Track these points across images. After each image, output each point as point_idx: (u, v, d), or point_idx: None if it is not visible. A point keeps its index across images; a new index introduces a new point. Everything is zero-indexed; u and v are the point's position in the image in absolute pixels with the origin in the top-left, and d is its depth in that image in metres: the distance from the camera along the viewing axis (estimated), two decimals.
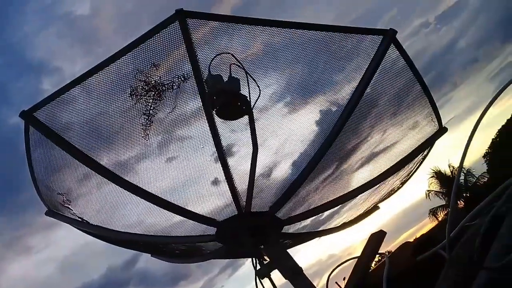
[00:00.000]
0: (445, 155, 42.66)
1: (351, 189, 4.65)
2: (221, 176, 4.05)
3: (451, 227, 2.83)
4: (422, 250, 3.30)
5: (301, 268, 3.89)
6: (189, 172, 4.11)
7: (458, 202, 32.14)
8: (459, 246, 2.80)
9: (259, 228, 4.10)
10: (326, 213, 5.28)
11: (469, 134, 2.59)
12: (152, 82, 3.42)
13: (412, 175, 5.22)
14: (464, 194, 36.30)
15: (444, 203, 39.26)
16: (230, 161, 4.02)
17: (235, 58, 3.83)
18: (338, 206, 4.99)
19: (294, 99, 4.35)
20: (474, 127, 2.61)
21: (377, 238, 3.58)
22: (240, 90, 4.00)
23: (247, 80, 3.96)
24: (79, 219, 4.11)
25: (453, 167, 38.92)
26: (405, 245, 3.47)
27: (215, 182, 4.15)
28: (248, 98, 4.02)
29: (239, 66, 3.88)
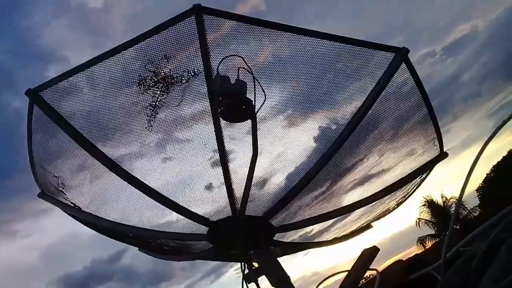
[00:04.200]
0: (438, 185, 42.75)
1: (348, 204, 4.63)
2: (217, 179, 4.02)
3: (447, 250, 2.82)
4: (413, 270, 3.28)
5: (288, 276, 3.85)
6: (186, 173, 4.08)
7: None
8: (452, 269, 2.78)
9: (252, 233, 4.07)
10: (319, 227, 5.26)
11: (469, 167, 2.60)
12: (162, 74, 3.41)
13: (408, 196, 5.21)
14: (454, 226, 36.31)
15: (433, 233, 39.36)
16: (228, 165, 4.00)
17: (245, 62, 3.82)
18: (333, 220, 4.96)
19: (297, 111, 4.34)
20: (474, 161, 2.62)
21: (370, 253, 3.55)
22: (246, 94, 3.99)
23: (254, 85, 3.95)
24: (71, 205, 4.06)
25: (445, 197, 39.09)
26: (397, 263, 3.45)
27: (210, 185, 4.13)
28: (253, 103, 4.01)
29: (247, 70, 3.87)
